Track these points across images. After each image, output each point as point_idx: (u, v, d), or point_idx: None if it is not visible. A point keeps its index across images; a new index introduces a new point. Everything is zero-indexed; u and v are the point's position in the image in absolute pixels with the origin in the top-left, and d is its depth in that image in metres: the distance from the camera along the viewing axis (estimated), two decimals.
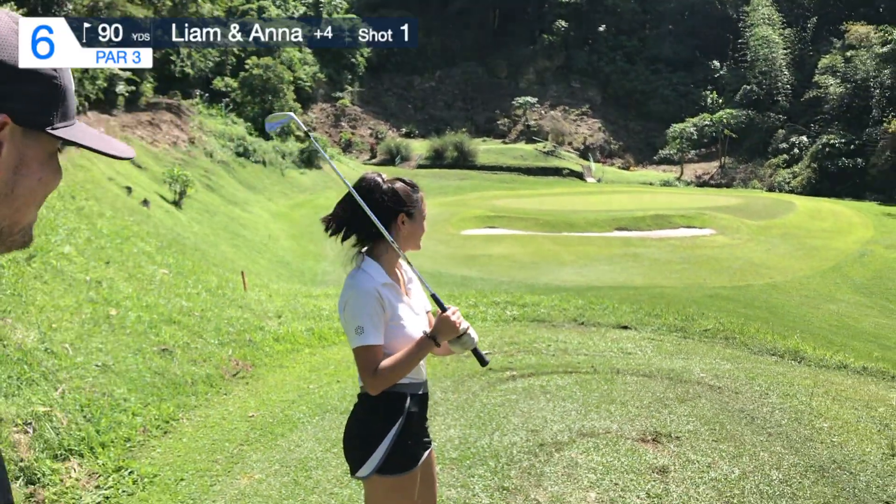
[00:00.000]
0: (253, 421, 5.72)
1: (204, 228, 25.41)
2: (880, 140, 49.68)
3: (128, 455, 4.90)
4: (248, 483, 4.57)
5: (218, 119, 43.66)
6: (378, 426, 2.61)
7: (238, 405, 6.14)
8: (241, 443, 5.26)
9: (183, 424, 5.61)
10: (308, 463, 4.81)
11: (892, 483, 4.39)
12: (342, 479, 4.53)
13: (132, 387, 5.71)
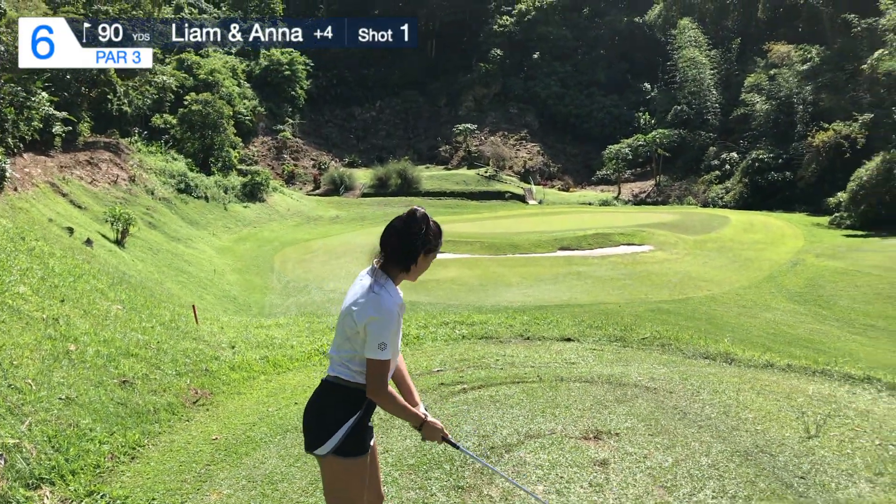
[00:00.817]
0: (217, 443, 5.97)
1: (148, 266, 25.19)
2: (806, 154, 51.64)
3: (98, 480, 5.11)
4: (218, 498, 4.83)
5: (158, 156, 43.19)
6: (340, 414, 3.06)
7: (201, 430, 6.37)
8: (207, 463, 5.51)
9: (149, 450, 5.83)
10: (273, 477, 5.10)
11: (806, 461, 4.88)
12: (307, 489, 4.83)
13: (97, 417, 5.90)
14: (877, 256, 29.86)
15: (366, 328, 2.99)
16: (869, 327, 20.47)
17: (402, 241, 3.13)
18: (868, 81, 49.17)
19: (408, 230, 3.13)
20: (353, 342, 3.09)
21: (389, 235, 3.16)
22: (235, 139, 51.06)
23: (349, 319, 3.06)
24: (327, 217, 48.94)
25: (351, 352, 3.12)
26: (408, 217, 3.16)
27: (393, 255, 3.15)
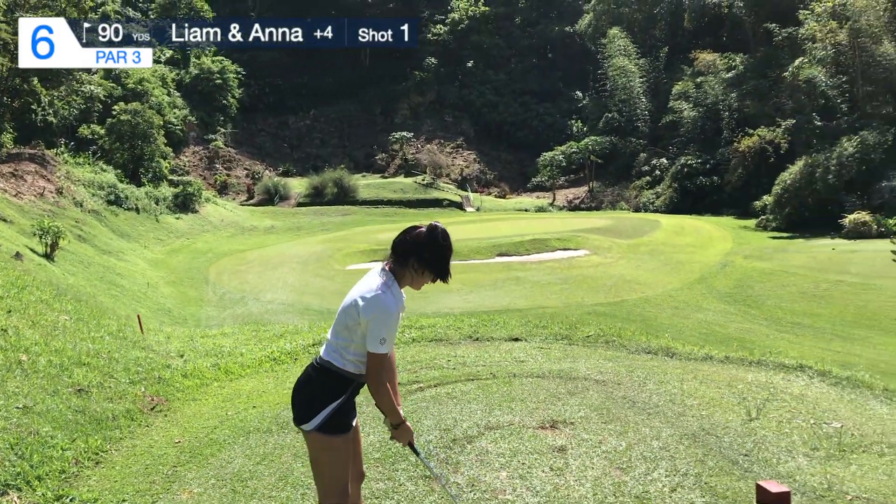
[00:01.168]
0: (180, 446, 6.02)
1: (80, 280, 24.57)
2: (732, 159, 53.23)
3: (65, 485, 5.13)
4: (189, 496, 4.92)
5: (86, 168, 42.00)
6: (326, 396, 3.33)
7: (162, 434, 6.40)
8: (173, 465, 5.57)
9: (113, 455, 5.85)
10: (242, 475, 5.21)
11: (749, 441, 5.25)
12: (277, 485, 4.96)
13: (56, 425, 5.89)
14: (801, 257, 30.93)
15: (368, 323, 3.22)
16: (795, 325, 21.32)
17: (416, 250, 3.37)
18: (789, 88, 50.92)
19: (425, 242, 3.38)
20: (351, 332, 3.30)
21: (401, 242, 3.40)
22: (166, 149, 50.09)
23: (353, 311, 3.28)
24: (262, 227, 48.39)
25: (347, 340, 3.34)
26: (428, 230, 3.42)
27: (399, 261, 3.38)
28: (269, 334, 12.35)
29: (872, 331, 20.75)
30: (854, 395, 6.59)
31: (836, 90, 48.17)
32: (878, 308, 22.65)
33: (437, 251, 3.41)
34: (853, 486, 4.53)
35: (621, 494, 4.47)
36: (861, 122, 45.26)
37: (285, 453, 5.64)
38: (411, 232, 3.45)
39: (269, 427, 6.32)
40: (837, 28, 48.63)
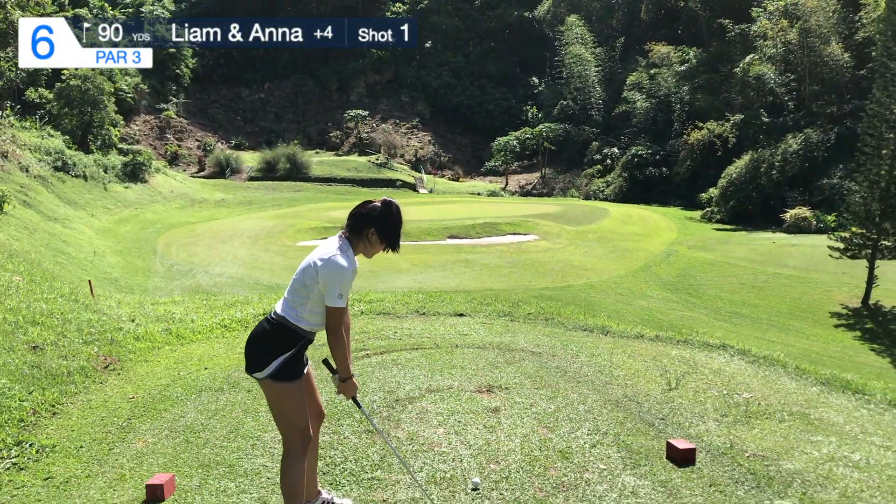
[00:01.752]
0: (134, 401, 6.29)
1: (24, 246, 24.19)
2: (681, 150, 54.39)
3: (24, 432, 5.38)
4: (144, 445, 5.22)
5: (33, 132, 41.02)
6: (278, 347, 3.73)
7: (116, 391, 6.65)
8: (127, 418, 5.85)
9: (68, 408, 6.09)
10: (195, 427, 5.52)
11: (667, 407, 5.75)
12: (228, 436, 5.29)
13: (13, 378, 6.10)
14: (743, 249, 31.97)
15: (326, 281, 3.60)
16: (734, 314, 22.16)
17: (372, 221, 3.78)
18: (740, 84, 52.12)
19: (380, 214, 3.79)
20: (309, 290, 3.68)
21: (357, 213, 3.80)
22: (116, 117, 49.21)
23: (312, 271, 3.66)
24: (213, 200, 47.96)
25: (304, 297, 3.71)
26: (384, 204, 3.82)
27: (355, 230, 3.78)
28: (220, 303, 12.55)
29: (806, 322, 21.75)
30: (768, 372, 7.16)
31: (784, 88, 49.51)
32: (812, 300, 23.65)
33: (390, 223, 3.80)
34: (752, 445, 5.05)
35: (546, 449, 4.91)
36: (806, 120, 46.62)
37: (236, 409, 5.96)
38: (367, 205, 3.83)
39: (221, 386, 6.62)
40: (788, 27, 49.90)
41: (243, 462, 4.84)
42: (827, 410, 5.93)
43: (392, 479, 4.49)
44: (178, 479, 4.55)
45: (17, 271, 9.52)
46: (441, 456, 4.83)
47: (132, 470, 4.80)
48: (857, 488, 4.40)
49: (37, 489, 4.56)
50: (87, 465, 4.90)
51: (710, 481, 4.44)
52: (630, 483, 4.41)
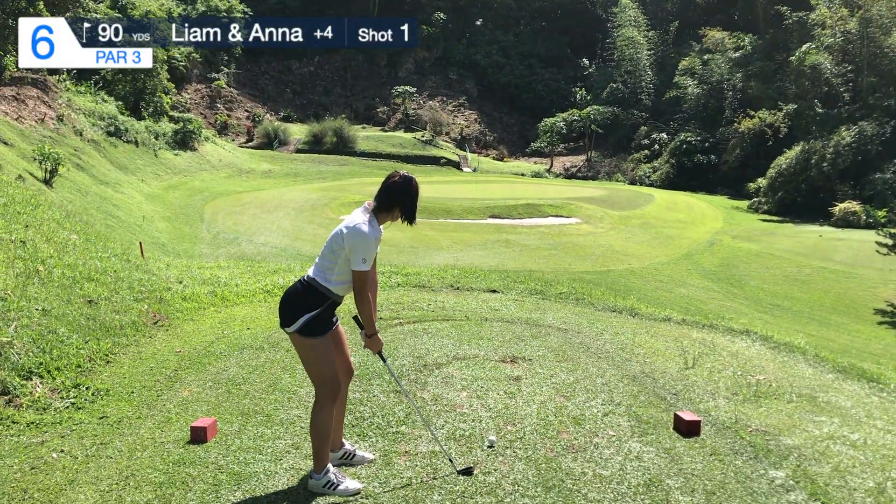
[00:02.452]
0: (181, 355, 6.74)
1: (76, 208, 25.03)
2: (731, 139, 53.63)
3: (81, 376, 5.86)
4: (190, 394, 5.65)
5: (87, 97, 41.92)
6: (307, 305, 4.13)
7: (164, 345, 7.12)
8: (175, 369, 6.30)
9: (120, 357, 6.56)
10: (236, 380, 5.95)
11: (680, 384, 6.02)
12: (268, 390, 5.70)
13: (71, 328, 6.58)
14: (788, 241, 31.55)
15: (351, 248, 3.99)
16: (775, 307, 22.00)
17: (388, 195, 4.18)
18: (795, 73, 51.11)
19: (401, 188, 4.19)
20: (336, 255, 4.08)
21: (386, 186, 4.21)
22: (168, 85, 49.98)
23: (339, 238, 4.07)
24: (259, 170, 48.73)
25: (332, 262, 4.11)
26: (404, 178, 4.23)
27: (381, 202, 4.19)
28: (264, 270, 13.03)
29: (849, 317, 21.49)
30: (786, 358, 7.33)
31: (840, 78, 48.40)
32: (856, 296, 23.34)
33: (409, 200, 4.21)
34: (757, 421, 5.28)
35: (561, 415, 5.21)
36: (861, 112, 45.56)
37: (275, 366, 6.36)
38: (391, 178, 4.24)
39: (262, 345, 7.04)
40: (848, 16, 48.69)
41: (279, 412, 5.25)
42: (837, 395, 6.12)
43: (415, 434, 4.85)
44: (219, 424, 4.96)
45: (74, 230, 10.06)
46: (462, 416, 5.17)
47: (178, 414, 5.23)
48: (850, 464, 4.61)
49: (93, 426, 5.01)
50: (138, 408, 5.36)
51: (712, 451, 4.70)
52: (636, 448, 4.69)
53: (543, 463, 4.42)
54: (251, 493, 4.04)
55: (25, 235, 8.26)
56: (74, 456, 4.48)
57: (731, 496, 4.09)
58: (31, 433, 4.83)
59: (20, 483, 4.12)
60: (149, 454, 4.51)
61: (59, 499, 3.95)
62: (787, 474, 4.38)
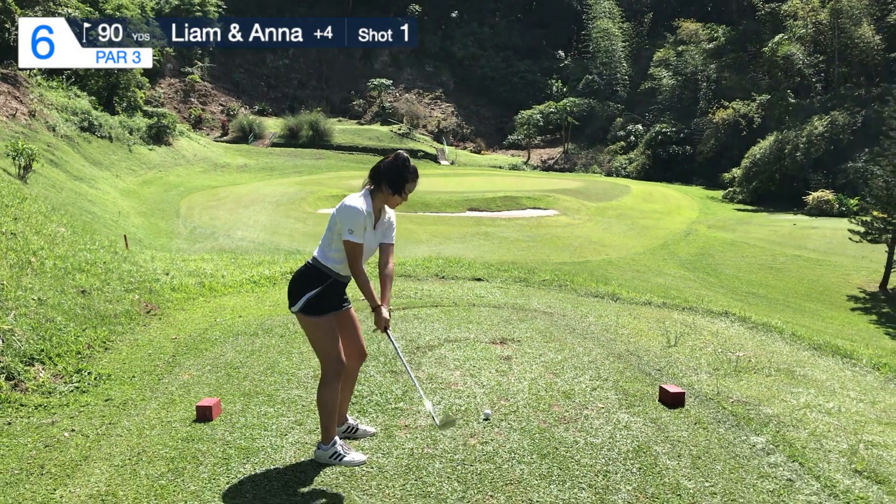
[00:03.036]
0: (177, 342, 6.88)
1: (47, 206, 24.82)
2: (706, 129, 54.22)
3: (82, 362, 5.99)
4: (190, 377, 5.81)
5: (60, 92, 41.43)
6: (308, 285, 4.31)
7: (159, 332, 7.25)
8: (172, 354, 6.45)
9: (118, 344, 6.69)
10: (234, 364, 6.12)
11: (664, 361, 6.29)
12: (265, 372, 5.87)
13: (67, 317, 6.69)
14: (763, 230, 32.11)
15: (340, 221, 4.18)
16: (750, 294, 22.40)
17: (378, 175, 4.34)
18: (767, 64, 51.80)
19: (390, 164, 4.33)
20: (332, 232, 4.28)
21: (374, 169, 4.37)
22: (142, 79, 49.56)
23: (334, 215, 4.27)
24: (235, 165, 48.55)
25: (329, 239, 4.31)
26: (394, 155, 4.38)
27: (374, 182, 4.35)
28: (248, 262, 13.14)
29: (822, 304, 21.96)
30: (764, 336, 7.64)
31: (812, 69, 49.15)
32: (830, 283, 23.83)
33: (396, 174, 4.32)
34: (737, 393, 5.55)
35: (551, 390, 5.44)
36: (833, 102, 46.25)
37: (271, 350, 6.53)
38: (384, 160, 4.41)
39: (256, 331, 7.21)
40: (819, 7, 49.37)
41: (280, 392, 5.42)
42: (812, 369, 6.43)
43: (413, 409, 5.04)
44: (223, 404, 5.12)
45: (62, 223, 10.12)
46: (457, 393, 5.38)
47: (181, 396, 5.38)
48: (825, 429, 4.90)
49: (99, 407, 5.15)
50: (141, 391, 5.50)
51: (696, 420, 4.96)
52: (624, 419, 4.93)
53: (537, 433, 4.64)
54: (260, 465, 4.21)
55: (15, 228, 8.33)
56: (85, 435, 4.62)
57: (715, 460, 4.34)
58: (41, 415, 4.96)
59: (36, 459, 4.26)
60: (157, 432, 4.67)
61: (76, 473, 4.10)
62: (767, 439, 4.65)
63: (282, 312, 8.17)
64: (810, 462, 4.32)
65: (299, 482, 4.03)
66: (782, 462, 4.32)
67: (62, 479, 4.04)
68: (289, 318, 7.82)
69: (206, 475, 4.08)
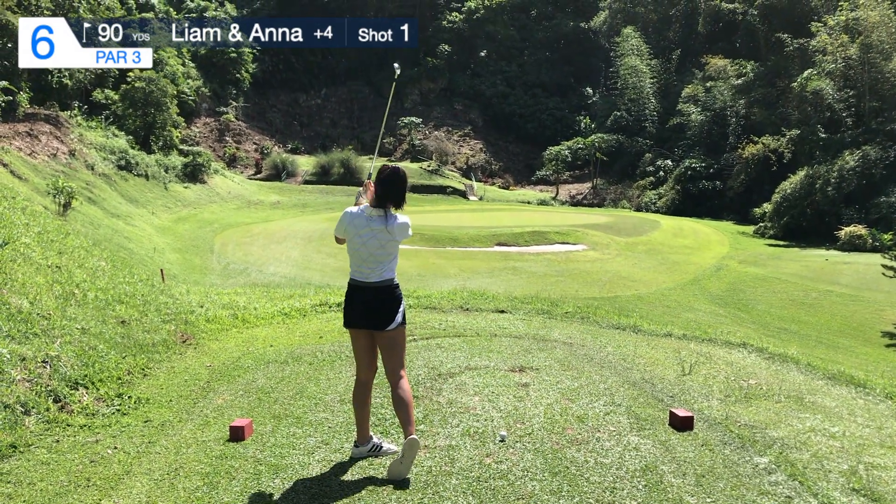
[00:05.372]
0: (211, 369, 7.23)
1: (88, 241, 25.52)
2: (735, 165, 54.14)
3: (123, 387, 6.37)
4: (223, 401, 6.14)
5: (98, 132, 42.81)
6: (400, 300, 4.89)
7: (194, 360, 7.62)
8: (207, 381, 6.80)
9: (156, 371, 7.06)
10: (265, 389, 6.45)
11: (677, 388, 6.51)
12: (294, 397, 6.20)
13: (108, 345, 7.08)
14: (795, 265, 31.84)
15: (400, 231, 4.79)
16: (782, 330, 22.15)
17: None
18: (797, 99, 51.69)
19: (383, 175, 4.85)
20: (396, 247, 4.88)
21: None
22: (178, 119, 50.90)
23: (392, 232, 4.78)
24: (268, 202, 49.44)
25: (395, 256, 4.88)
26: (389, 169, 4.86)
27: None
28: (279, 295, 13.54)
29: (856, 340, 21.62)
30: (779, 367, 7.79)
31: (842, 104, 48.91)
32: (863, 319, 23.48)
33: (382, 179, 4.83)
34: (745, 418, 5.75)
35: (566, 415, 5.68)
36: (865, 136, 45.92)
37: (300, 377, 6.86)
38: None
39: (286, 359, 7.54)
40: (848, 42, 49.28)
41: (308, 415, 5.74)
42: (823, 397, 6.59)
43: (433, 431, 5.32)
44: (254, 426, 5.44)
45: (102, 257, 10.60)
46: (475, 417, 5.65)
47: (215, 418, 5.72)
48: (828, 451, 5.08)
49: (139, 428, 5.50)
50: (178, 413, 5.85)
51: (703, 442, 5.17)
52: (634, 441, 5.16)
53: (550, 454, 4.89)
54: (289, 480, 4.52)
55: (60, 261, 8.79)
56: (127, 452, 4.97)
57: (718, 478, 4.56)
58: (85, 434, 5.32)
59: (83, 473, 4.60)
60: (193, 451, 5.00)
61: (119, 486, 4.43)
62: (770, 460, 4.85)
63: (311, 342, 8.51)
64: (810, 481, 4.52)
65: (325, 495, 4.33)
66: (783, 481, 4.53)
67: (107, 490, 4.38)
68: (317, 346, 8.15)
69: (238, 489, 4.39)
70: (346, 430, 5.36)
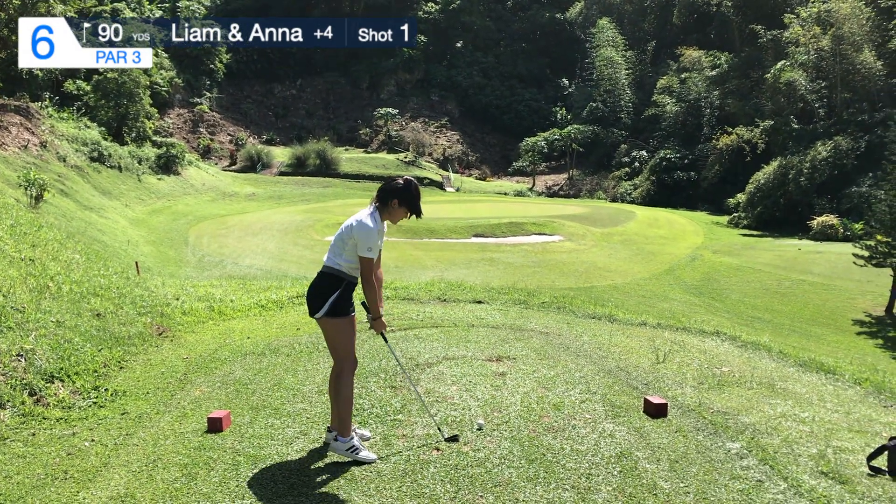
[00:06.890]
0: (188, 361, 7.22)
1: (62, 233, 25.22)
2: (710, 155, 54.62)
3: (99, 380, 6.35)
4: (201, 393, 6.14)
5: (70, 123, 42.08)
6: (329, 290, 4.74)
7: (171, 352, 7.60)
8: (184, 373, 6.80)
9: (132, 364, 7.04)
10: (243, 381, 6.46)
11: (651, 376, 6.61)
12: (272, 388, 6.21)
13: (84, 337, 7.04)
14: (768, 255, 32.26)
15: (358, 239, 4.63)
16: (755, 319, 22.44)
17: (388, 194, 4.78)
18: (770, 90, 52.23)
19: (403, 189, 4.79)
20: (345, 244, 4.74)
21: (383, 189, 4.82)
22: (151, 110, 50.21)
23: (348, 230, 4.71)
24: (243, 194, 49.08)
25: (341, 249, 4.78)
26: (406, 182, 4.83)
27: (382, 201, 4.80)
28: (256, 287, 13.47)
29: (828, 329, 21.99)
30: (751, 354, 7.94)
31: (814, 95, 49.50)
32: (835, 307, 23.88)
33: (409, 196, 4.79)
34: (718, 404, 5.86)
35: (542, 403, 5.75)
36: (836, 127, 46.56)
37: (277, 369, 6.87)
38: (391, 182, 4.84)
39: (263, 351, 7.54)
40: (821, 34, 49.86)
41: (286, 406, 5.76)
42: (794, 383, 6.73)
43: (411, 421, 5.37)
44: (232, 417, 5.44)
45: (76, 250, 10.51)
46: (453, 406, 5.71)
47: (193, 410, 5.73)
48: (798, 436, 5.21)
49: (116, 420, 5.50)
50: (155, 406, 5.85)
51: (676, 428, 5.28)
52: (609, 428, 5.25)
53: (527, 441, 4.96)
54: (267, 470, 4.55)
55: (34, 254, 8.71)
56: (104, 444, 4.96)
57: (691, 463, 4.66)
58: (62, 427, 5.30)
59: (60, 466, 4.60)
60: (171, 442, 5.00)
61: (97, 478, 4.43)
62: (741, 445, 4.97)
63: (288, 334, 8.50)
64: (780, 465, 4.63)
65: (304, 485, 4.36)
66: (754, 465, 4.63)
67: (84, 483, 4.38)
68: (295, 338, 8.15)
69: (217, 479, 4.40)
70: (324, 420, 5.39)
